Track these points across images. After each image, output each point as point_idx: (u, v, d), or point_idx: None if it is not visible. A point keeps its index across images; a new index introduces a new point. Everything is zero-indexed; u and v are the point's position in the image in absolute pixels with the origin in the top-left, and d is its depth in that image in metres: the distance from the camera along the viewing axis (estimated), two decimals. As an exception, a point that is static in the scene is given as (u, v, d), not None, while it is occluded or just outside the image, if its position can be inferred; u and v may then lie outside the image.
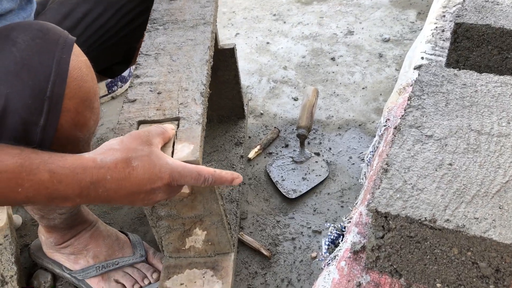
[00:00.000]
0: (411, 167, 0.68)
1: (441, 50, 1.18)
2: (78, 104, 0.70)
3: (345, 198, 1.21)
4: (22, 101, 0.64)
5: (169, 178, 0.67)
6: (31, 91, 0.65)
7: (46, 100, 0.66)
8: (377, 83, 1.59)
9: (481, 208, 0.62)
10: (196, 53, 0.92)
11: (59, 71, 0.67)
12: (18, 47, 0.65)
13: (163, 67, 0.89)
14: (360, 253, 0.74)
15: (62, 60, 0.67)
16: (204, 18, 1.00)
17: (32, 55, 0.66)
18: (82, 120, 0.72)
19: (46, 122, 0.67)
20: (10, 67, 0.64)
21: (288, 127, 1.44)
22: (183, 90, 0.84)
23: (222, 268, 0.93)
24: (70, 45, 0.70)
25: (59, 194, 0.63)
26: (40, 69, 0.66)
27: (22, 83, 0.64)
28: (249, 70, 1.70)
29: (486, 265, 0.61)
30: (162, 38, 0.97)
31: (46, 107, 0.66)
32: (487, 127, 0.74)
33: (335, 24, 1.91)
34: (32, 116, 0.65)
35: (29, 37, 0.67)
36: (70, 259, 1.03)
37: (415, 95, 0.82)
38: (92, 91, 0.72)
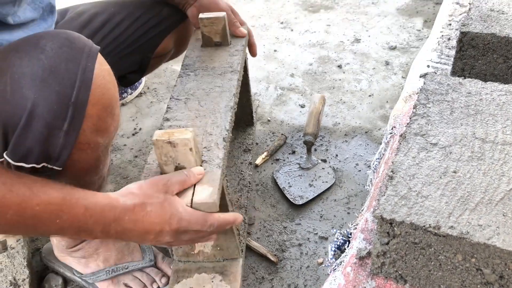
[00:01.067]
0: (416, 175, 0.69)
1: (447, 59, 1.19)
2: (100, 111, 0.73)
3: (352, 204, 1.22)
4: (48, 106, 0.67)
5: (176, 224, 0.72)
6: (57, 96, 0.68)
7: (71, 105, 0.69)
8: (384, 90, 1.60)
9: (485, 215, 0.63)
10: (222, 100, 0.96)
11: (84, 79, 0.70)
12: (46, 55, 0.68)
13: (191, 112, 0.93)
14: (365, 259, 0.75)
15: (87, 68, 0.71)
16: (232, 66, 1.05)
17: (59, 63, 0.69)
18: (103, 126, 0.75)
19: (70, 127, 0.70)
20: (38, 73, 0.67)
21: (295, 134, 1.46)
22: (207, 135, 0.88)
23: (230, 273, 0.94)
24: (94, 54, 0.73)
25: (87, 228, 0.68)
26: (66, 76, 0.69)
27: (49, 89, 0.67)
28: (256, 77, 1.72)
29: (490, 272, 0.62)
30: (192, 83, 1.01)
31: (70, 113, 0.69)
32: (491, 135, 0.75)
33: (342, 32, 1.92)
34: (57, 121, 0.68)
35: (57, 45, 0.70)
36: (81, 262, 1.04)
37: (420, 103, 0.83)
38: (114, 98, 0.76)
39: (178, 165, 0.78)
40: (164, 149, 0.77)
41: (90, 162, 0.80)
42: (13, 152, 0.70)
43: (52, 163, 0.72)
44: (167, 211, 0.72)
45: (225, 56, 1.08)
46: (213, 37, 1.09)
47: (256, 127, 1.49)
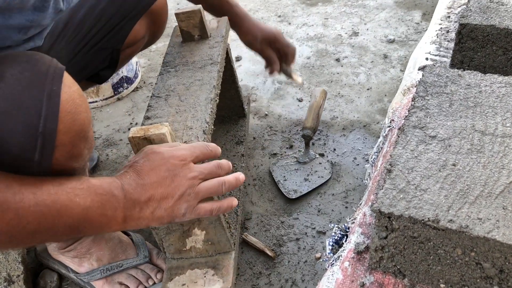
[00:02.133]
0: (414, 168, 0.68)
1: (446, 51, 1.18)
2: (73, 138, 0.68)
3: (350, 198, 1.21)
4: (14, 139, 0.62)
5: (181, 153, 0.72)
6: (23, 128, 0.62)
7: (39, 136, 0.63)
8: (382, 84, 1.59)
9: (484, 208, 0.62)
10: (202, 93, 0.95)
11: (50, 105, 0.64)
12: (6, 82, 0.62)
13: (171, 108, 0.93)
14: (363, 254, 0.74)
15: (53, 92, 0.64)
16: (212, 58, 1.04)
17: (22, 90, 0.63)
18: (77, 152, 0.70)
19: (41, 158, 0.65)
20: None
21: (293, 128, 1.44)
22: (188, 129, 0.87)
23: (223, 267, 0.94)
24: (60, 76, 0.66)
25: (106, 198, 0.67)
26: (31, 105, 0.63)
27: (13, 121, 0.62)
28: (254, 71, 1.70)
29: (490, 266, 0.61)
30: (172, 80, 1.00)
31: (39, 143, 0.64)
32: (491, 127, 0.74)
33: (340, 25, 1.91)
34: (26, 153, 0.63)
35: (17, 70, 0.64)
36: (74, 261, 1.03)
37: (419, 96, 0.82)
38: (86, 122, 0.70)
39: None
40: (141, 145, 0.76)
41: None
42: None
43: None
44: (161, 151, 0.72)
45: (205, 49, 1.07)
46: (192, 31, 1.08)
47: (253, 121, 1.48)
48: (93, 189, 0.66)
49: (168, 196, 0.71)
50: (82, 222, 0.65)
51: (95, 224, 0.66)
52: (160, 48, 1.87)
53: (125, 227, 0.70)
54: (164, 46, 1.87)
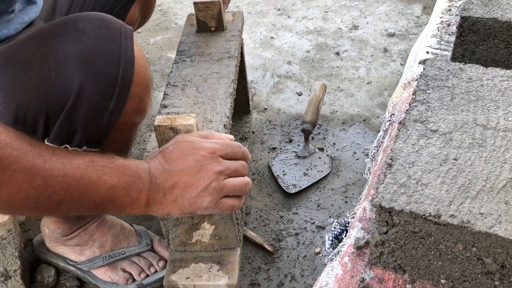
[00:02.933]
0: (415, 162, 0.67)
1: (447, 44, 1.17)
2: (142, 90, 0.73)
3: (349, 193, 1.21)
4: (96, 87, 0.67)
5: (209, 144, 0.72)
6: (105, 77, 0.68)
7: (118, 85, 0.69)
8: (382, 78, 1.58)
9: (486, 203, 0.61)
10: (221, 86, 0.95)
11: (127, 58, 0.70)
12: (89, 36, 0.68)
13: (189, 98, 0.92)
14: (363, 249, 0.73)
15: (128, 47, 0.70)
16: (229, 52, 1.04)
17: (102, 44, 0.68)
18: (143, 105, 0.76)
19: (115, 107, 0.70)
20: (84, 55, 0.67)
21: (292, 122, 1.43)
22: (207, 122, 0.87)
23: (228, 263, 0.93)
24: (130, 34, 0.73)
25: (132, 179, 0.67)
26: (111, 56, 0.68)
27: (96, 70, 0.67)
28: (253, 65, 1.69)
29: (491, 261, 0.61)
30: (189, 70, 1.00)
31: (117, 92, 0.69)
32: (493, 121, 0.73)
33: (340, 19, 1.89)
34: (104, 102, 0.68)
35: (96, 26, 0.70)
36: (75, 250, 1.03)
37: (420, 90, 0.81)
38: (150, 77, 0.76)
39: None
40: (166, 135, 0.76)
41: (123, 141, 0.80)
42: (57, 137, 0.70)
43: (92, 145, 0.72)
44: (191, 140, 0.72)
45: (221, 42, 1.06)
46: (208, 22, 1.07)
47: (252, 116, 1.47)
48: (122, 169, 0.66)
49: (192, 186, 0.70)
50: (106, 200, 0.65)
51: (119, 203, 0.67)
52: (159, 42, 1.86)
53: (147, 211, 0.70)
54: (163, 39, 1.85)
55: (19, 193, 0.58)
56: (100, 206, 0.66)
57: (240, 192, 0.76)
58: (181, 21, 1.96)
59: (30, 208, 0.61)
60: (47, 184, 0.60)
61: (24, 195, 0.58)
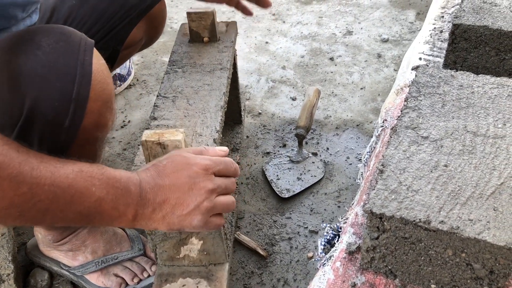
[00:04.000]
0: (406, 168, 0.68)
1: (439, 51, 1.18)
2: (100, 107, 0.72)
3: (342, 198, 1.21)
4: (49, 103, 0.65)
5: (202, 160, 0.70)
6: (59, 93, 0.66)
7: (73, 102, 0.67)
8: (376, 83, 1.59)
9: (475, 209, 0.62)
10: (212, 99, 0.93)
11: (83, 73, 0.68)
12: (43, 50, 0.66)
13: (179, 111, 0.91)
14: (355, 254, 0.74)
15: (86, 62, 0.68)
16: (221, 63, 1.03)
17: (58, 58, 0.67)
18: (103, 121, 0.74)
19: (71, 123, 0.68)
20: (37, 70, 0.65)
21: (286, 127, 1.44)
22: (197, 135, 0.85)
23: (216, 279, 0.92)
24: (91, 48, 0.71)
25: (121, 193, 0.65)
26: (66, 72, 0.67)
27: (50, 86, 0.65)
28: (247, 69, 1.70)
29: (480, 267, 0.61)
30: (180, 81, 0.99)
31: (72, 109, 0.67)
32: (483, 128, 0.74)
33: (334, 24, 1.91)
34: (59, 118, 0.67)
35: (53, 40, 0.68)
36: (68, 255, 1.03)
37: (411, 96, 0.82)
38: (112, 93, 0.74)
39: None
40: (153, 150, 0.75)
41: (86, 156, 0.77)
42: None
43: None
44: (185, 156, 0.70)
45: (214, 53, 1.06)
46: (201, 33, 1.07)
47: (246, 120, 1.47)
48: (111, 181, 0.64)
49: (183, 203, 0.68)
50: (93, 212, 0.64)
51: (106, 216, 0.65)
52: (154, 46, 1.85)
53: (134, 225, 0.68)
54: (158, 43, 1.86)
55: (3, 200, 0.57)
56: (87, 218, 0.64)
57: (227, 210, 0.75)
58: (177, 25, 1.97)
59: (14, 217, 0.59)
60: (33, 193, 0.58)
61: (8, 203, 0.57)
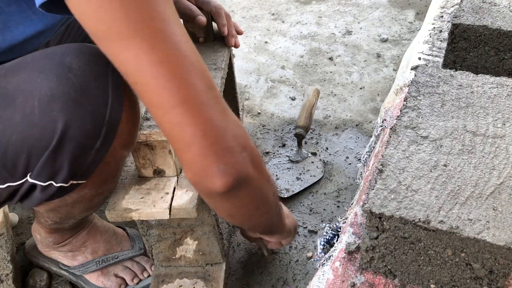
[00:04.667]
0: (406, 168, 0.68)
1: (439, 51, 1.18)
2: (131, 127, 0.71)
3: (342, 198, 1.21)
4: (82, 127, 0.64)
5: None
6: (91, 117, 0.65)
7: (105, 125, 0.66)
8: (375, 83, 1.59)
9: (475, 209, 0.62)
10: None
11: (115, 96, 0.67)
12: (75, 73, 0.65)
13: None
14: (354, 254, 0.74)
15: (116, 84, 0.67)
16: (216, 63, 1.02)
17: (89, 81, 0.65)
18: (131, 140, 0.73)
19: (102, 145, 0.67)
20: (70, 94, 0.64)
21: (286, 127, 1.44)
22: None
23: (213, 279, 0.92)
24: None
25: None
26: (98, 95, 0.65)
27: (82, 109, 0.64)
28: (247, 69, 1.70)
29: (479, 267, 0.61)
30: None
31: (104, 132, 0.66)
32: (482, 128, 0.74)
33: (334, 24, 1.91)
34: (90, 141, 0.66)
35: (83, 62, 0.66)
36: (67, 256, 1.03)
37: (411, 96, 0.82)
38: (140, 112, 0.73)
39: (156, 168, 0.76)
40: (142, 151, 0.75)
41: (111, 172, 0.78)
42: (40, 173, 0.67)
43: (78, 178, 0.70)
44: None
45: (209, 53, 1.06)
46: (197, 33, 1.07)
47: (245, 120, 1.47)
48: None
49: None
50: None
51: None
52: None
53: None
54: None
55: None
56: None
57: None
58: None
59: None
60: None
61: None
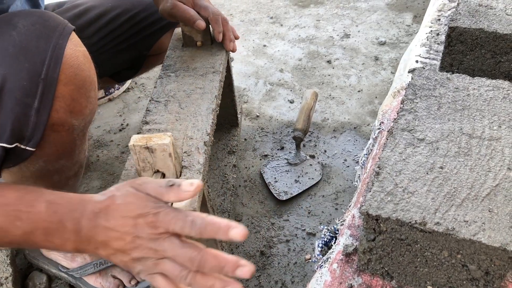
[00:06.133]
0: (402, 170, 0.69)
1: (436, 54, 1.19)
2: (73, 91, 0.72)
3: (340, 200, 1.22)
4: (18, 82, 0.66)
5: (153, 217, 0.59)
6: (27, 73, 0.67)
7: (41, 82, 0.68)
8: (373, 86, 1.60)
9: (471, 211, 0.62)
10: (204, 102, 0.94)
11: (54, 56, 0.69)
12: (18, 31, 0.68)
13: (171, 115, 0.91)
14: (352, 256, 0.74)
15: (58, 45, 0.70)
16: (214, 67, 1.03)
17: (30, 39, 0.68)
18: (77, 107, 0.74)
19: (40, 105, 0.69)
20: (9, 49, 0.67)
21: (284, 130, 1.45)
22: (188, 139, 0.86)
23: None
24: (68, 33, 0.72)
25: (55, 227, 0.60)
26: (36, 53, 0.68)
27: (19, 65, 0.67)
28: (245, 72, 1.70)
29: (475, 268, 0.62)
30: (173, 85, 0.99)
31: (40, 90, 0.68)
32: (478, 130, 0.74)
33: (332, 27, 1.92)
34: (27, 98, 0.67)
35: (29, 22, 0.69)
36: (67, 257, 1.03)
37: (408, 99, 0.82)
38: (88, 79, 0.74)
39: (156, 171, 0.76)
40: (142, 154, 0.75)
41: (65, 145, 0.78)
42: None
43: (25, 143, 0.71)
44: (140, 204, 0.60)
45: (207, 56, 1.06)
46: (194, 37, 1.07)
47: (244, 123, 1.48)
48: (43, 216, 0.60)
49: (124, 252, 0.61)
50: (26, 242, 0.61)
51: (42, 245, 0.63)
52: (152, 49, 1.87)
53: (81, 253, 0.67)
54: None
55: None
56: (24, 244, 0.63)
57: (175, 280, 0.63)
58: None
59: None
60: None
61: None
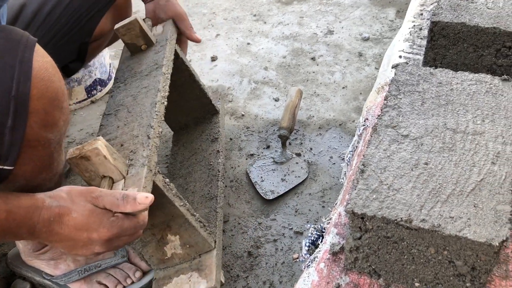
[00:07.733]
0: (387, 167, 0.68)
1: (419, 49, 1.19)
2: (46, 105, 0.70)
3: (326, 198, 1.21)
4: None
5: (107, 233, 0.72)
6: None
7: (12, 99, 0.65)
8: (357, 82, 1.60)
9: (456, 207, 0.62)
10: (148, 99, 0.93)
11: (22, 70, 0.67)
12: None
13: (120, 121, 0.91)
14: (339, 254, 0.73)
15: (25, 58, 0.67)
16: (157, 63, 1.01)
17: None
18: (51, 120, 0.72)
19: (14, 123, 0.66)
20: None
21: (270, 128, 1.44)
22: (134, 138, 0.85)
23: (206, 267, 0.93)
24: (32, 45, 0.69)
25: (12, 231, 0.69)
26: (3, 69, 0.65)
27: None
28: (230, 71, 1.69)
29: (462, 264, 0.62)
30: (122, 94, 0.98)
31: (12, 107, 0.66)
32: (462, 125, 0.74)
33: (315, 24, 1.91)
34: (1, 117, 0.65)
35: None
36: (50, 264, 1.01)
37: (391, 95, 0.82)
38: (60, 91, 0.72)
39: (103, 177, 0.76)
40: (82, 165, 0.75)
41: (43, 159, 0.76)
42: None
43: (2, 162, 0.69)
44: (94, 221, 0.72)
45: (151, 56, 1.05)
46: (136, 42, 1.06)
47: (229, 122, 1.47)
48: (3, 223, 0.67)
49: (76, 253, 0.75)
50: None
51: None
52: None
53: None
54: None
55: None
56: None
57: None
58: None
59: None
60: None
61: None
